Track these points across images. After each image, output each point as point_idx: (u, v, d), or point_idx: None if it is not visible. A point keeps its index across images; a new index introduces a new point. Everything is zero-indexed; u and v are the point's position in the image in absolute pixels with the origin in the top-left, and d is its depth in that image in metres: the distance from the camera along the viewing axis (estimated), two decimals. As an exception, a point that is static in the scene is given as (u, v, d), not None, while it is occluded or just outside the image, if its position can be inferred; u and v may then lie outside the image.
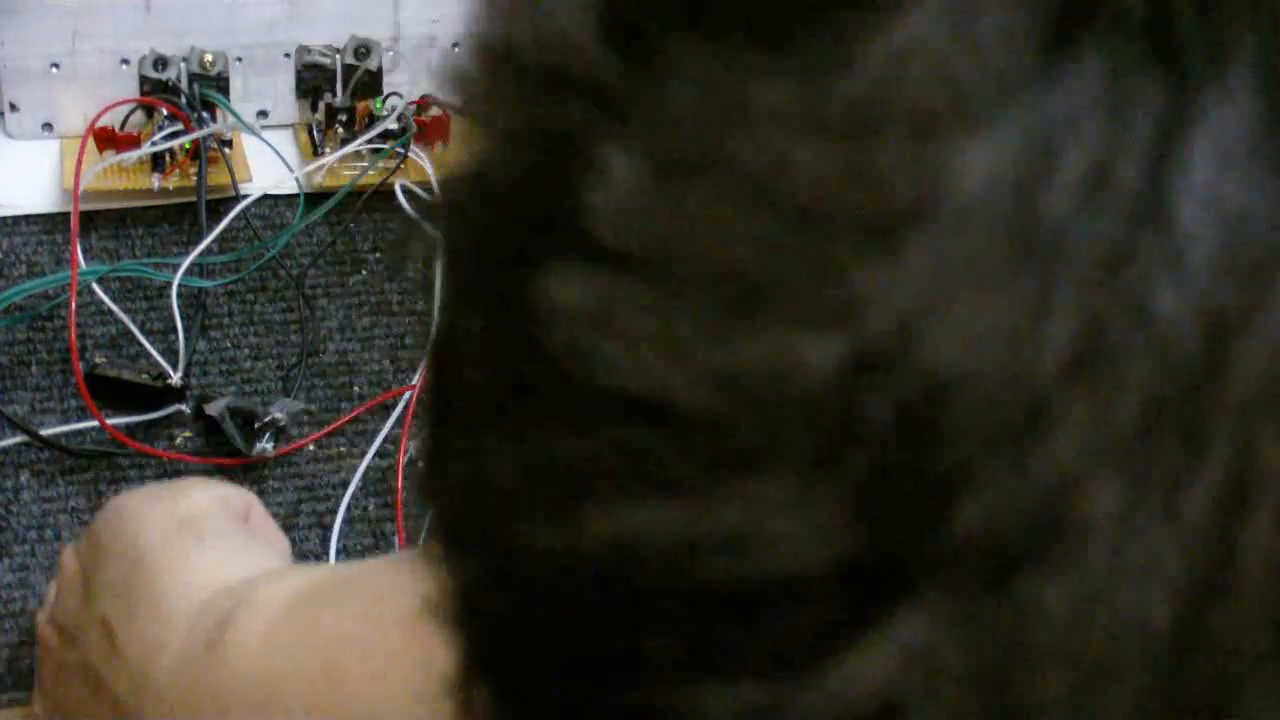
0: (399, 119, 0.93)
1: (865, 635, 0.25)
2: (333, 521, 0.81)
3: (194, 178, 0.91)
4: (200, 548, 0.66)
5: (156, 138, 0.91)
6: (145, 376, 0.84)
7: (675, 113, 0.26)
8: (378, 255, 0.93)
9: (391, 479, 0.83)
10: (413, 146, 0.93)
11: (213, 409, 0.83)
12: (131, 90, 0.93)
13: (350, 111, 0.95)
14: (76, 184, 0.88)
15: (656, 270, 0.26)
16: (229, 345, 0.88)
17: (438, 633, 0.31)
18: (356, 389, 0.87)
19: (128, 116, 0.93)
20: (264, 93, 0.97)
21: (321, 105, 0.95)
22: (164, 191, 0.91)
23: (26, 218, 0.92)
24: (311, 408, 0.86)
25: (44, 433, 0.82)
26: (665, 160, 0.26)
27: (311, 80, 0.96)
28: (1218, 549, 0.24)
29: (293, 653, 0.59)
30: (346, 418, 0.85)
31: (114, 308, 0.85)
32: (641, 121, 0.27)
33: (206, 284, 0.88)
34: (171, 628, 0.63)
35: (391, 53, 0.97)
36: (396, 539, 0.81)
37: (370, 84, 0.95)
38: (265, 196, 0.92)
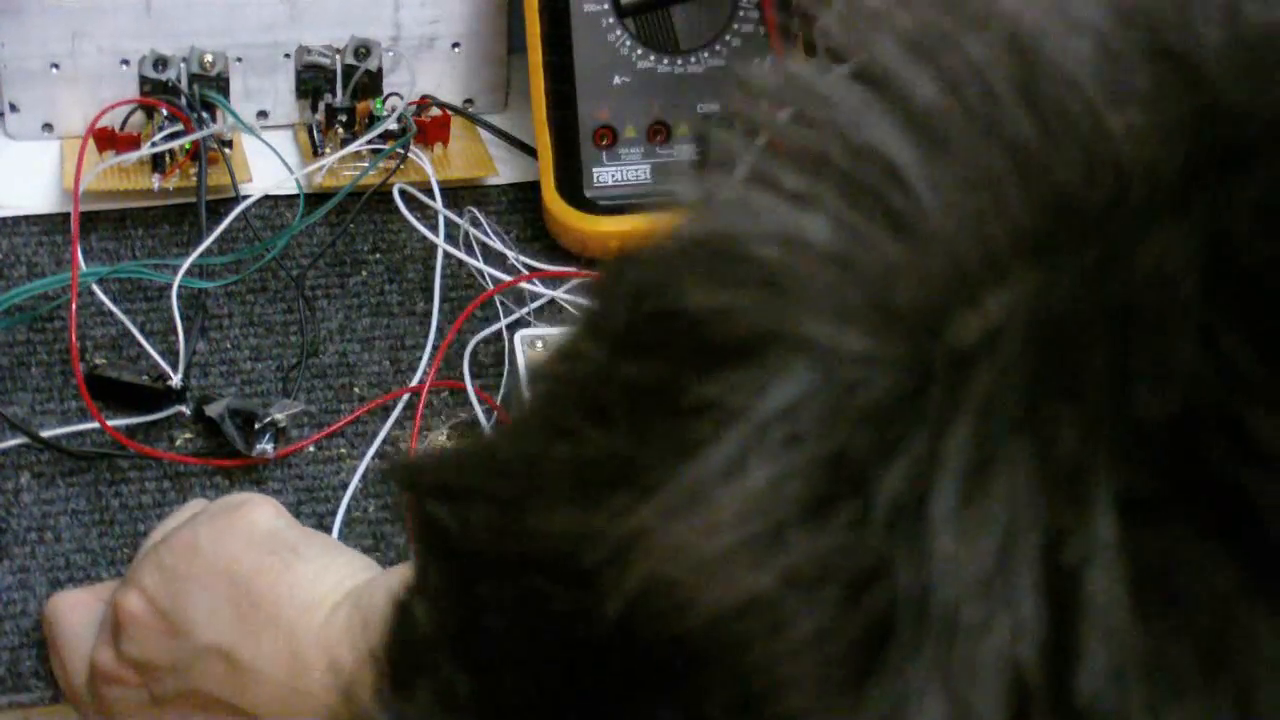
0: (399, 119, 0.93)
1: None
2: (333, 523, 0.81)
3: (194, 178, 0.91)
4: (296, 558, 0.69)
5: (156, 138, 0.90)
6: (145, 378, 0.84)
7: None
8: (378, 256, 0.93)
9: (392, 481, 0.83)
10: (413, 147, 0.93)
11: (213, 410, 0.83)
12: (131, 91, 0.93)
13: (350, 112, 0.95)
14: (77, 185, 0.88)
15: None
16: (229, 346, 0.88)
17: None
18: (356, 390, 0.87)
19: (128, 117, 0.93)
20: (264, 93, 0.97)
21: (321, 106, 0.95)
22: (164, 192, 0.92)
23: (26, 218, 0.92)
24: (311, 409, 0.86)
25: (44, 434, 0.82)
26: None
27: (311, 81, 0.96)
28: None
29: None
30: (346, 419, 0.85)
31: (114, 309, 0.84)
32: None
33: (206, 285, 0.88)
34: (302, 639, 0.66)
35: (391, 53, 0.97)
36: (401, 540, 0.81)
37: (370, 84, 0.95)
38: (265, 197, 0.92)
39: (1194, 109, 0.26)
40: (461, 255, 0.90)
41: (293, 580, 0.68)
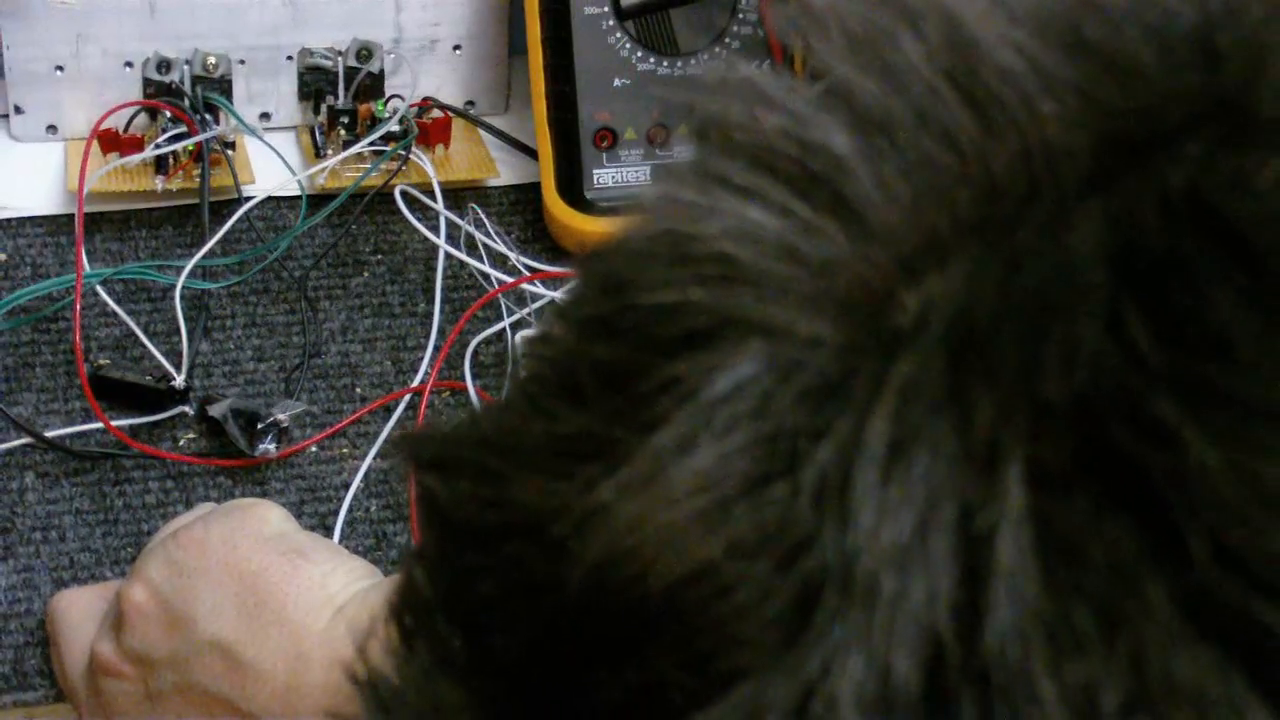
0: (401, 121, 0.94)
1: None
2: (335, 523, 0.82)
3: (197, 180, 0.92)
4: (305, 561, 0.70)
5: (160, 140, 0.91)
6: (149, 378, 0.85)
7: None
8: (380, 257, 0.93)
9: (393, 480, 0.84)
10: (414, 149, 0.94)
11: (216, 410, 0.83)
12: (135, 93, 0.94)
13: (352, 114, 0.95)
14: (81, 186, 0.88)
15: None
16: (232, 347, 0.89)
17: None
18: (358, 390, 0.88)
19: (131, 119, 0.93)
20: (267, 95, 0.97)
21: (324, 108, 0.96)
22: (167, 194, 0.92)
23: (31, 220, 0.92)
24: (314, 409, 0.86)
25: (48, 434, 0.82)
26: None
27: (314, 83, 0.97)
28: None
29: None
30: (349, 419, 0.86)
31: (118, 310, 0.85)
32: None
33: (209, 286, 0.89)
34: (305, 639, 0.67)
35: (393, 55, 0.97)
36: (402, 539, 0.82)
37: (372, 86, 0.96)
38: (268, 199, 0.93)
39: (1115, 101, 0.28)
40: (463, 256, 0.90)
41: (300, 582, 0.69)
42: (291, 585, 0.69)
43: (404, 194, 0.91)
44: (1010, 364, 0.26)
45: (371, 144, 0.94)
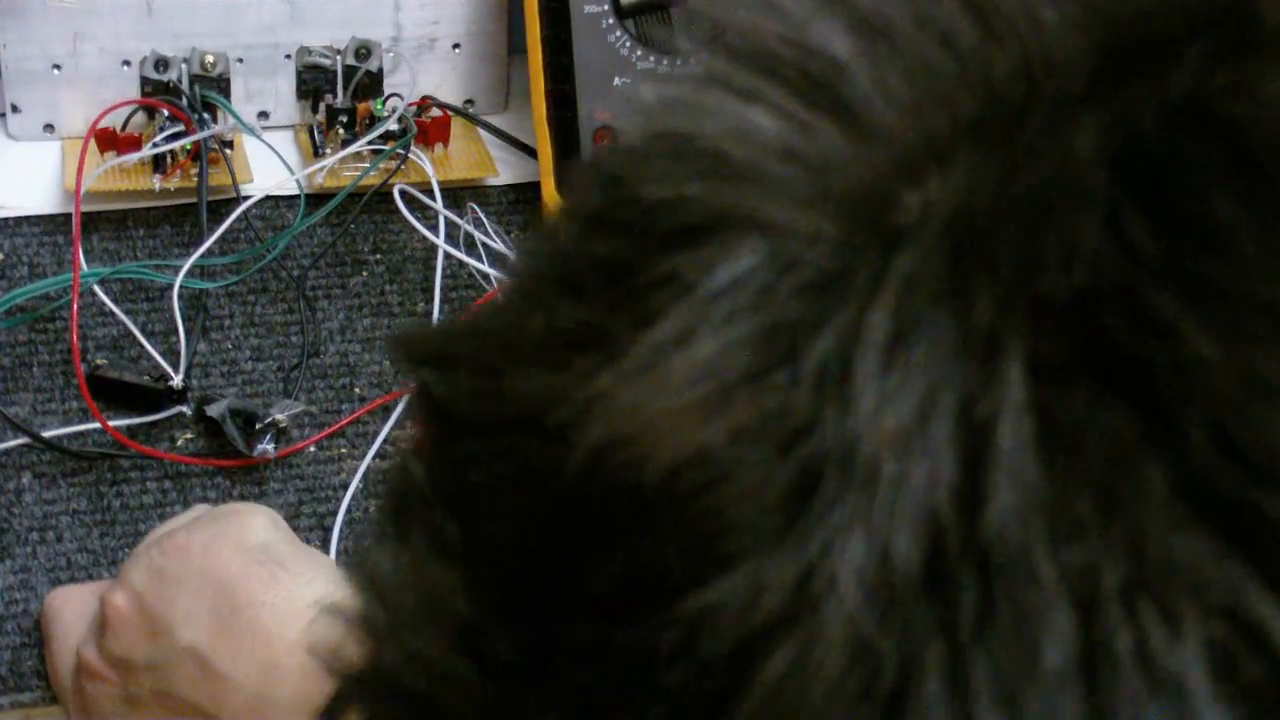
0: (399, 120, 0.94)
1: None
2: (333, 523, 0.82)
3: (195, 179, 0.91)
4: (283, 571, 0.70)
5: (158, 139, 0.91)
6: (146, 378, 0.84)
7: None
8: (378, 257, 0.93)
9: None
10: (413, 148, 0.94)
11: (214, 410, 0.83)
12: (133, 91, 0.94)
13: (351, 113, 0.95)
14: (78, 185, 0.88)
15: None
16: (230, 347, 0.88)
17: None
18: (357, 390, 0.87)
19: (129, 118, 0.93)
20: (265, 94, 0.97)
21: (322, 106, 0.95)
22: (165, 193, 0.92)
23: (28, 219, 0.92)
24: (312, 409, 0.86)
25: (45, 434, 0.82)
26: None
27: (312, 81, 0.96)
28: None
29: None
30: (347, 419, 0.86)
31: (115, 309, 0.85)
32: None
33: (207, 285, 0.89)
34: (277, 648, 0.67)
35: (392, 54, 0.97)
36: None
37: (371, 85, 0.95)
38: (266, 198, 0.92)
39: (1115, 8, 0.28)
40: (462, 256, 0.90)
41: (277, 591, 0.69)
42: (268, 594, 0.68)
43: (403, 193, 0.90)
44: (1010, 260, 0.26)
45: (370, 143, 0.93)
